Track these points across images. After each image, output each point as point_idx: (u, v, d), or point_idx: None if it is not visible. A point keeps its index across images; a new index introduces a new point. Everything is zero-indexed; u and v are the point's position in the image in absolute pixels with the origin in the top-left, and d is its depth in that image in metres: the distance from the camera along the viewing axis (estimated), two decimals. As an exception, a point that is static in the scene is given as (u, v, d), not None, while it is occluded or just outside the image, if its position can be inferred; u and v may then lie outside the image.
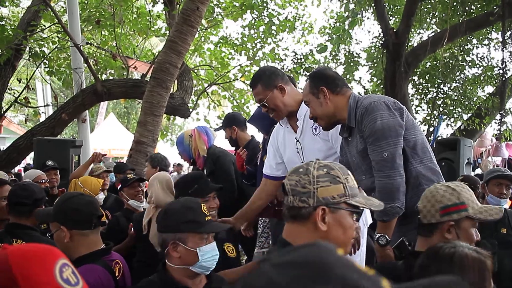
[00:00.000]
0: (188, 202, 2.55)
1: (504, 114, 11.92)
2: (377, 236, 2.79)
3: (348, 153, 3.09)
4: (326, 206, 1.79)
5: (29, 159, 12.98)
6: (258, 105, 4.00)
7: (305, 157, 3.41)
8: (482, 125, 11.36)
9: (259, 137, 5.08)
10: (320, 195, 1.79)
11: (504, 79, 10.06)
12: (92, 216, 2.64)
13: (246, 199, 3.86)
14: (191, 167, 5.70)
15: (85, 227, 2.61)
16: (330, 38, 13.99)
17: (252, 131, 5.24)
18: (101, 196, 5.24)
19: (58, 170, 6.04)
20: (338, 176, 1.82)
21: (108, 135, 19.86)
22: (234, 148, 5.22)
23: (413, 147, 2.85)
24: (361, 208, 1.87)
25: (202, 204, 2.55)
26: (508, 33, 9.92)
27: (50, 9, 9.93)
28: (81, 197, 2.75)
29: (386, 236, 2.77)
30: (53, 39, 10.94)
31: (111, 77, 11.74)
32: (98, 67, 11.23)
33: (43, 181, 5.40)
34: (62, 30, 9.82)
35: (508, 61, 11.18)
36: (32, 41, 10.61)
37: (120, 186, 4.84)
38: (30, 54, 10.52)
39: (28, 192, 3.29)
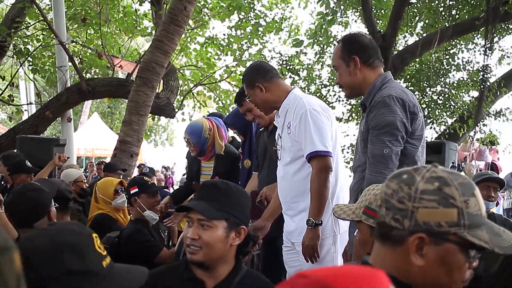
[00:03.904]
0: (65, 234, 1.46)
1: (483, 119, 12.01)
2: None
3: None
4: (426, 234, 1.32)
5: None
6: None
7: (282, 155, 3.42)
8: (463, 129, 11.41)
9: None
10: (421, 218, 1.32)
11: (484, 84, 10.13)
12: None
13: None
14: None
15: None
16: (316, 41, 14.03)
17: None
18: (120, 200, 4.48)
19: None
20: (453, 197, 1.32)
21: (91, 135, 19.72)
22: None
23: (406, 155, 2.81)
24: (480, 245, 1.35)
25: (94, 235, 1.50)
26: (496, 39, 9.98)
27: (35, 6, 9.83)
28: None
29: None
30: (38, 36, 10.84)
31: (96, 76, 11.65)
32: (83, 65, 11.14)
33: (84, 180, 5.52)
34: (47, 27, 9.71)
35: (492, 66, 11.29)
36: (16, 38, 10.50)
37: (136, 190, 3.92)
38: (14, 51, 10.40)
39: None
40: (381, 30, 10.33)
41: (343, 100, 13.15)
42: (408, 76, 12.75)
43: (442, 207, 1.31)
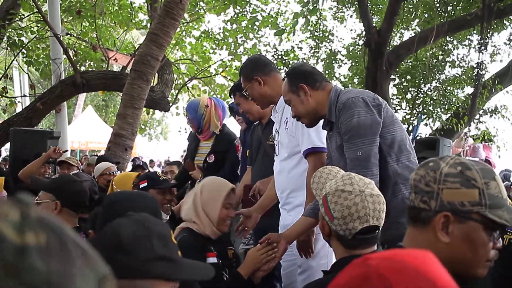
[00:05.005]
0: (152, 222, 1.54)
1: (481, 114, 12.06)
2: None
3: (330, 148, 3.04)
4: (451, 213, 1.45)
5: (4, 151, 12.78)
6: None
7: (279, 151, 3.43)
8: (459, 126, 11.45)
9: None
10: (445, 198, 1.45)
11: (478, 81, 10.15)
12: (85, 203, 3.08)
13: None
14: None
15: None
16: (311, 35, 14.01)
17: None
18: None
19: None
20: (474, 179, 1.44)
21: (85, 128, 19.64)
22: None
23: (390, 144, 2.80)
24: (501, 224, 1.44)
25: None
26: (489, 35, 10.00)
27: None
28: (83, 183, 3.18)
29: None
30: (32, 28, 10.78)
31: (90, 69, 11.61)
32: (78, 58, 11.10)
33: (113, 172, 5.32)
34: (42, 19, 9.66)
35: (486, 62, 11.31)
36: (11, 30, 10.44)
37: (145, 184, 3.70)
38: (8, 43, 10.35)
39: None
40: (377, 26, 10.33)
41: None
42: (403, 72, 12.76)
43: (464, 188, 1.44)
